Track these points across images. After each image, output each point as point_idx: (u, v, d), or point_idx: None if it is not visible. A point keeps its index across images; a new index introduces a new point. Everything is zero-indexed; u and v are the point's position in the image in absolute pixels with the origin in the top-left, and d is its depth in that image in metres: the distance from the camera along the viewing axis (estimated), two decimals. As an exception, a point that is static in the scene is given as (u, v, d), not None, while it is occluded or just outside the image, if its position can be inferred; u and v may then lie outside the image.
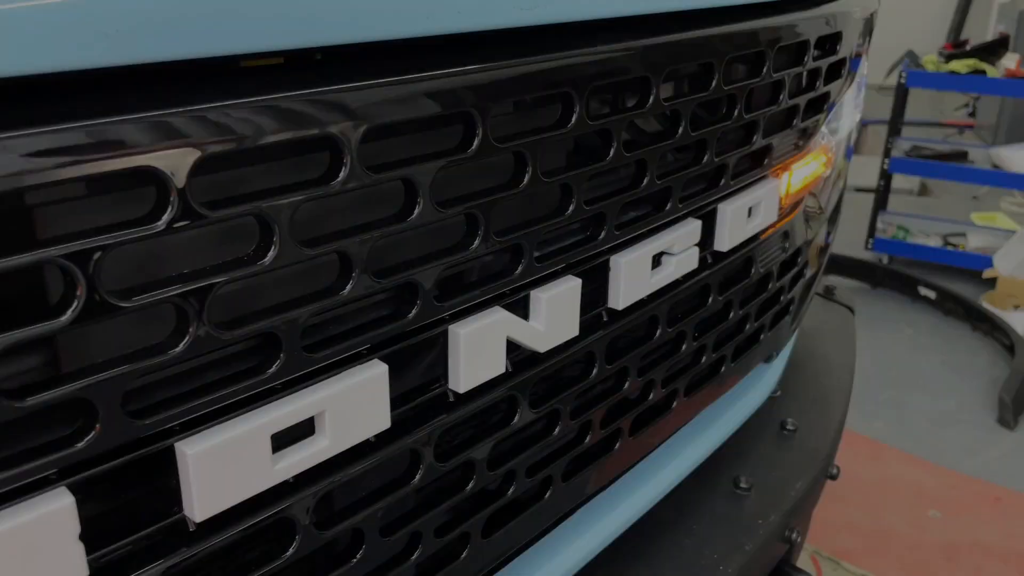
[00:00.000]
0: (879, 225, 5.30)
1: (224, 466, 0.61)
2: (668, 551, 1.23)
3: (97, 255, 0.51)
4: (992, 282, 4.83)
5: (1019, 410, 3.83)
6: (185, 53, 0.55)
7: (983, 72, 4.85)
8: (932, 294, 4.82)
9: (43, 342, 0.56)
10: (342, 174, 0.62)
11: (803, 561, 2.98)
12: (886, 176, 5.25)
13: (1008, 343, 4.32)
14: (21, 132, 0.47)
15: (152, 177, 0.53)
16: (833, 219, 1.66)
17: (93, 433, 0.53)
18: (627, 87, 0.88)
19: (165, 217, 0.53)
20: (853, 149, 1.76)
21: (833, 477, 1.53)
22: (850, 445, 3.06)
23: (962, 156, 6.10)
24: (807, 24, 1.11)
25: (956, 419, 3.88)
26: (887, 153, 5.15)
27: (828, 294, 2.06)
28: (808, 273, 1.50)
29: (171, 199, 0.53)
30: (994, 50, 5.01)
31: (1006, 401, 3.82)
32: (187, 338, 0.56)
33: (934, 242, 5.27)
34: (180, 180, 0.53)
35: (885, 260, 5.29)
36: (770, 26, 1.02)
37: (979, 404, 3.98)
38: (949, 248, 5.19)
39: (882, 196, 5.32)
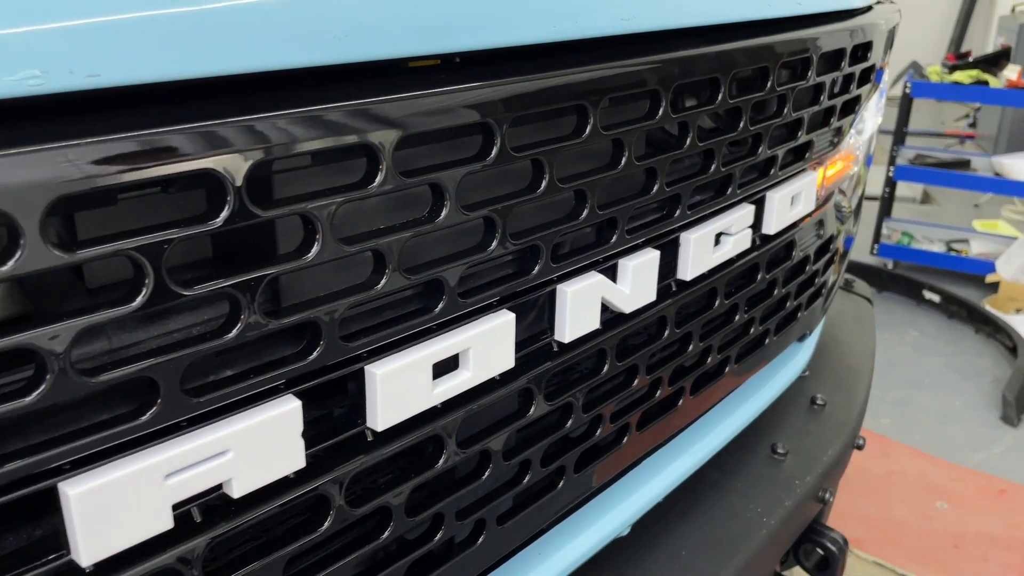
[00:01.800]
0: (884, 231, 5.45)
1: (400, 386, 0.76)
2: (717, 503, 1.37)
3: (330, 210, 0.65)
4: (995, 286, 4.97)
5: (1022, 408, 3.97)
6: (386, 54, 0.70)
7: (985, 83, 5.02)
8: (936, 298, 4.96)
9: (281, 278, 0.70)
10: (493, 153, 0.77)
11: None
12: (891, 183, 5.40)
13: (1011, 345, 4.46)
14: (276, 113, 0.62)
15: (366, 150, 0.67)
16: (855, 215, 1.81)
17: (318, 350, 0.68)
18: (700, 87, 1.03)
19: (377, 180, 0.68)
20: (873, 157, 1.91)
21: (859, 447, 1.68)
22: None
23: (964, 164, 6.27)
24: (845, 34, 1.26)
25: (961, 416, 4.02)
26: (892, 161, 5.31)
27: (848, 287, 2.21)
28: (836, 261, 1.65)
29: (380, 167, 0.68)
30: (996, 61, 5.17)
31: (1009, 399, 3.96)
32: (384, 279, 0.71)
33: (938, 248, 5.42)
34: (387, 153, 0.68)
35: (890, 265, 5.44)
36: (815, 35, 1.17)
37: (983, 402, 4.12)
38: (952, 254, 5.34)
39: (887, 203, 5.48)
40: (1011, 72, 5.00)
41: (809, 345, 1.71)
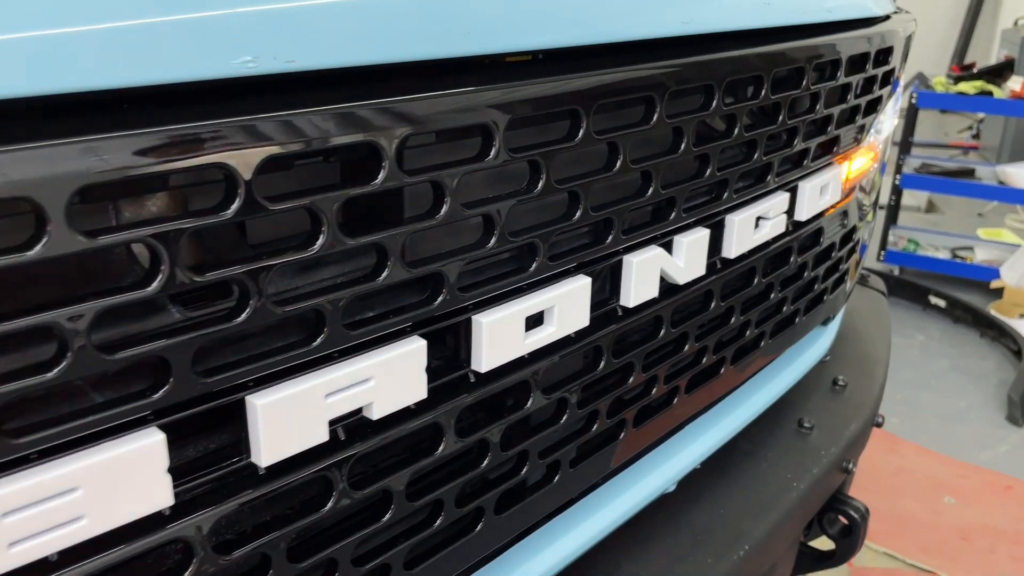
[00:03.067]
0: (890, 238, 5.59)
1: (500, 334, 0.88)
2: (749, 470, 1.49)
3: (455, 181, 0.78)
4: (999, 292, 5.10)
5: (1026, 408, 4.09)
6: (493, 49, 0.82)
7: (990, 93, 5.15)
8: (942, 303, 5.09)
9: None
10: (580, 135, 0.90)
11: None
12: (897, 191, 5.54)
13: (1015, 348, 4.57)
14: (418, 96, 0.74)
15: (483, 130, 0.80)
16: (873, 211, 1.94)
17: (442, 297, 0.81)
18: (744, 84, 1.16)
19: (491, 155, 0.80)
20: (887, 165, 2.04)
21: (879, 425, 1.80)
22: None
23: (969, 173, 6.40)
24: (869, 39, 1.39)
25: (967, 417, 4.13)
26: (898, 169, 5.45)
27: (864, 281, 2.34)
28: (857, 252, 1.78)
29: (494, 144, 0.80)
30: (1000, 72, 5.31)
31: (1014, 400, 4.07)
32: (493, 239, 0.84)
33: (943, 255, 5.55)
34: (500, 131, 0.81)
35: (896, 271, 5.57)
36: (844, 39, 1.31)
37: (988, 403, 4.23)
38: (957, 260, 5.47)
39: (893, 211, 5.61)
40: (1015, 83, 5.14)
41: (831, 330, 1.84)
